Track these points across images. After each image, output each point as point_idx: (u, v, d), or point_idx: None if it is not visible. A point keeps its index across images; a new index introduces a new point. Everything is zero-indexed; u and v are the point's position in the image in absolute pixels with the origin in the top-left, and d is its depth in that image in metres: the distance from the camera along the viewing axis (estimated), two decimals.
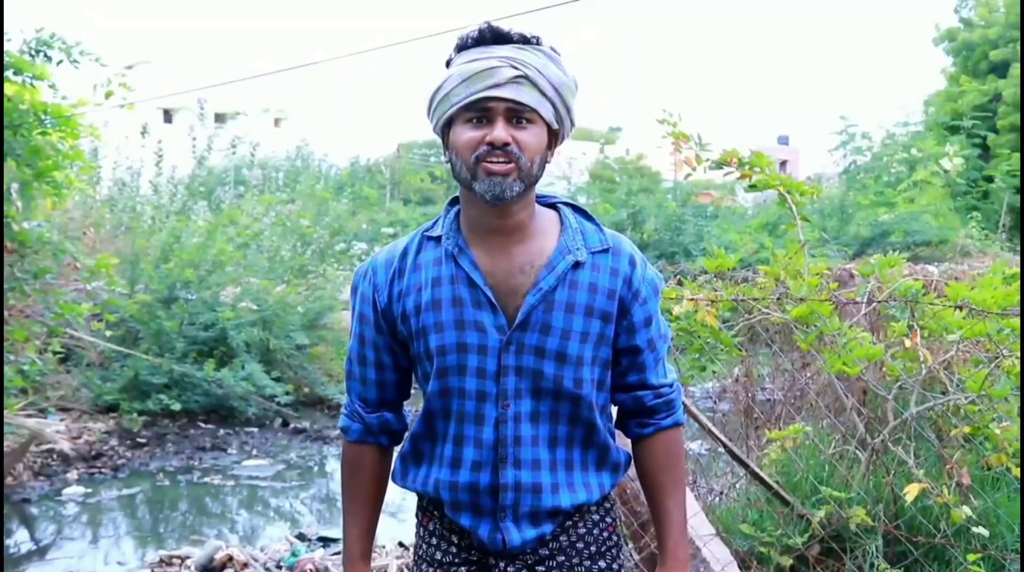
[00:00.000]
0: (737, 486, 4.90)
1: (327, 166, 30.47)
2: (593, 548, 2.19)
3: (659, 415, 2.21)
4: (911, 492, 4.07)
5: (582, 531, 2.19)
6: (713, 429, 4.47)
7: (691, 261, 14.57)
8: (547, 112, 2.01)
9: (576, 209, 2.19)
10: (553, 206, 2.19)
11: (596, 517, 2.21)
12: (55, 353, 10.82)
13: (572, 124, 2.11)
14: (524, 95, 1.96)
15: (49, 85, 9.11)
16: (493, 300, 2.07)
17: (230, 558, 6.09)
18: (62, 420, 10.79)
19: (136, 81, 9.64)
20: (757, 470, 4.50)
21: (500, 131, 1.97)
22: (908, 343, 4.38)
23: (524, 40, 2.00)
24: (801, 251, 4.65)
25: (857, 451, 4.79)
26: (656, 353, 2.20)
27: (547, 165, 2.09)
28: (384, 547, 6.34)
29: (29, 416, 9.72)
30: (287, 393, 12.37)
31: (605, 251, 2.12)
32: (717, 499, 4.89)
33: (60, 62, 9.09)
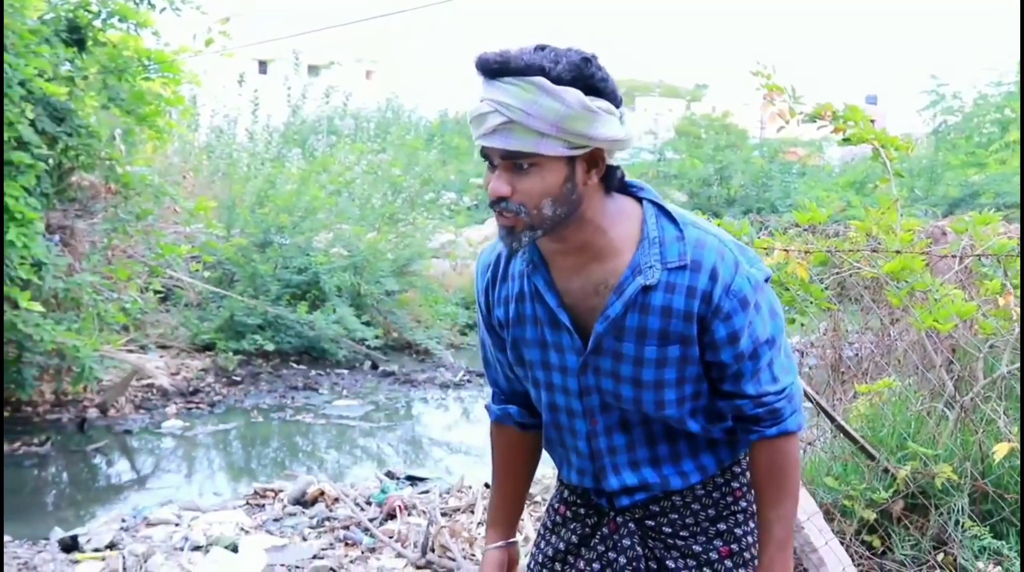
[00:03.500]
0: (822, 439, 4.84)
1: (417, 117, 30.53)
2: (712, 511, 2.09)
3: (763, 423, 1.99)
4: (1000, 451, 3.99)
5: (700, 493, 2.10)
6: (800, 381, 4.41)
7: (778, 217, 14.34)
8: (552, 149, 1.77)
9: (660, 208, 1.96)
10: (639, 200, 1.98)
11: (720, 480, 2.11)
12: (156, 292, 11.05)
13: (611, 134, 1.81)
14: (515, 142, 1.76)
15: (152, 32, 9.22)
16: (567, 323, 1.97)
17: (322, 492, 6.20)
18: (161, 357, 11.03)
19: (234, 30, 9.71)
20: (843, 423, 4.44)
21: (495, 183, 1.81)
22: (1001, 301, 4.27)
23: (519, 72, 1.74)
24: (894, 207, 4.54)
25: (945, 409, 4.69)
26: (756, 362, 1.95)
27: (594, 180, 1.87)
28: (471, 487, 6.39)
29: (130, 352, 9.94)
30: (376, 337, 12.53)
31: (683, 267, 1.89)
32: (802, 451, 4.83)
33: (163, 9, 9.19)
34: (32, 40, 7.59)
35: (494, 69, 1.76)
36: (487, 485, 6.27)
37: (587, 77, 1.76)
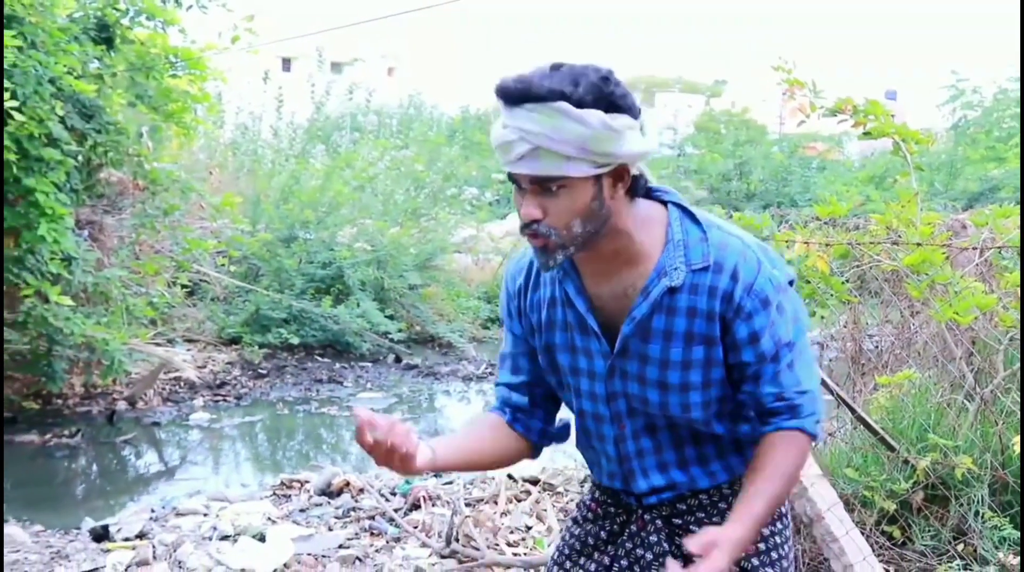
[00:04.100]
0: (842, 430, 4.83)
1: (439, 114, 30.55)
2: None
3: (781, 416, 1.96)
4: (1020, 442, 3.98)
5: (727, 492, 2.10)
6: (820, 372, 4.41)
7: (798, 211, 14.30)
8: (579, 170, 1.78)
9: (684, 211, 1.97)
10: (664, 203, 1.99)
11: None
12: (183, 287, 11.13)
13: (635, 149, 1.82)
14: (542, 167, 1.78)
15: (179, 30, 9.29)
16: (595, 328, 1.98)
17: (347, 483, 6.23)
18: (188, 350, 11.10)
19: (259, 28, 9.76)
20: (863, 415, 4.43)
21: (526, 208, 1.83)
22: None
23: (541, 98, 1.74)
24: (914, 200, 4.54)
25: (965, 400, 4.68)
26: (777, 363, 1.94)
27: (624, 190, 1.88)
28: (494, 478, 6.42)
29: (158, 345, 10.00)
30: (400, 330, 12.57)
31: (706, 269, 1.91)
32: (823, 442, 4.83)
33: (190, 7, 9.25)
34: (62, 38, 7.64)
35: (515, 96, 1.77)
36: (510, 476, 6.29)
37: (607, 95, 1.77)
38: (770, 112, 30.92)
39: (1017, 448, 4.00)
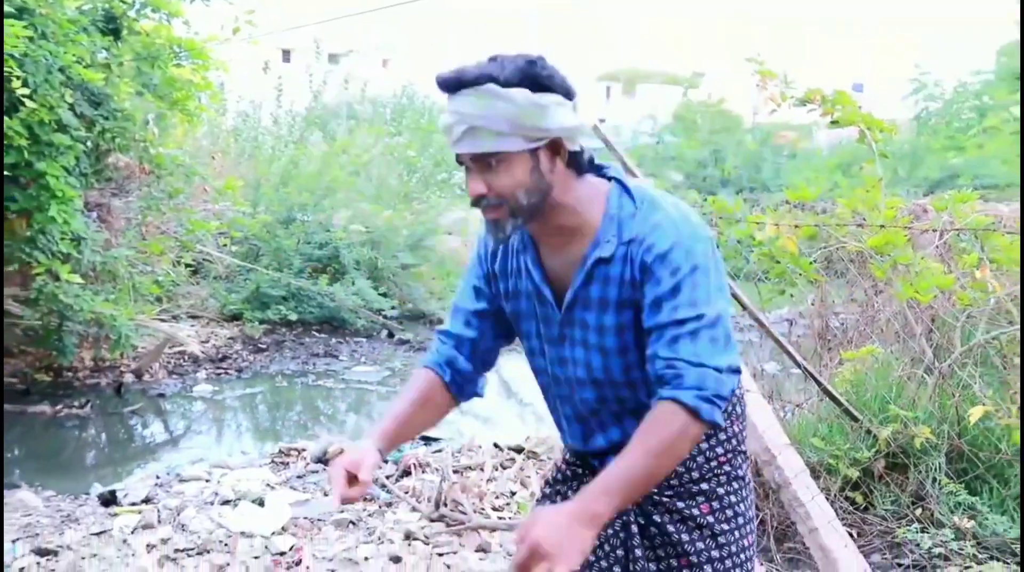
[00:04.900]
0: (809, 403, 4.85)
1: (431, 103, 30.45)
2: (696, 473, 2.06)
3: (666, 385, 1.87)
4: (975, 413, 4.01)
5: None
6: (789, 348, 4.42)
7: (769, 195, 14.32)
8: (513, 145, 1.84)
9: (623, 187, 1.99)
10: (609, 180, 2.02)
11: (704, 445, 2.06)
12: (187, 266, 11.11)
13: (564, 123, 1.87)
14: (480, 145, 1.85)
15: (183, 21, 9.22)
16: (549, 296, 2.03)
17: (342, 451, 6.21)
18: (192, 326, 11.08)
19: (259, 20, 9.71)
20: (829, 387, 4.46)
21: (472, 184, 1.90)
22: (978, 274, 4.27)
23: (472, 83, 1.83)
24: (878, 185, 4.54)
25: (925, 374, 4.71)
26: (678, 327, 1.87)
27: (564, 162, 1.92)
28: (480, 446, 6.43)
29: (163, 321, 9.97)
30: (393, 307, 12.58)
31: (633, 240, 1.92)
32: (791, 414, 4.85)
33: (193, 0, 9.19)
34: (71, 29, 7.58)
35: (452, 85, 1.85)
36: (496, 445, 6.31)
37: (533, 76, 1.84)
38: (745, 103, 30.90)
39: (972, 419, 4.02)
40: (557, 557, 1.74)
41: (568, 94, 1.88)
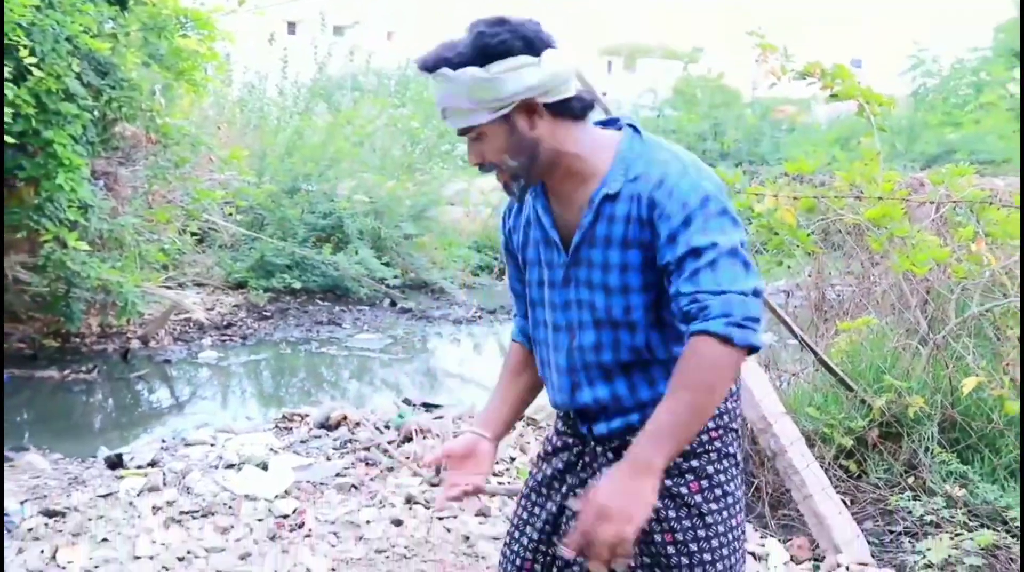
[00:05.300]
0: (805, 372, 4.85)
1: None
2: (686, 448, 1.95)
3: (691, 320, 1.83)
4: (968, 384, 4.00)
5: None
6: (786, 318, 4.41)
7: (768, 168, 14.28)
8: (480, 118, 1.90)
9: (636, 131, 2.00)
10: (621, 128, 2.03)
11: None
12: (192, 234, 11.09)
13: (523, 86, 1.86)
14: (456, 122, 1.93)
15: None
16: (556, 240, 2.04)
17: (344, 417, 6.22)
18: (198, 293, 11.08)
19: None
20: (825, 358, 4.45)
21: (469, 155, 1.98)
22: (974, 247, 4.26)
23: (432, 69, 1.89)
24: (876, 159, 4.51)
25: (919, 345, 4.70)
26: (696, 259, 1.84)
27: (544, 121, 1.92)
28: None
29: (169, 288, 9.97)
30: (395, 276, 12.54)
31: (639, 178, 1.92)
32: (787, 383, 4.85)
33: None
34: None
35: (427, 70, 1.91)
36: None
37: (481, 48, 1.85)
38: (744, 78, 30.79)
39: (965, 389, 4.01)
40: (623, 518, 1.78)
41: (533, 49, 1.86)
